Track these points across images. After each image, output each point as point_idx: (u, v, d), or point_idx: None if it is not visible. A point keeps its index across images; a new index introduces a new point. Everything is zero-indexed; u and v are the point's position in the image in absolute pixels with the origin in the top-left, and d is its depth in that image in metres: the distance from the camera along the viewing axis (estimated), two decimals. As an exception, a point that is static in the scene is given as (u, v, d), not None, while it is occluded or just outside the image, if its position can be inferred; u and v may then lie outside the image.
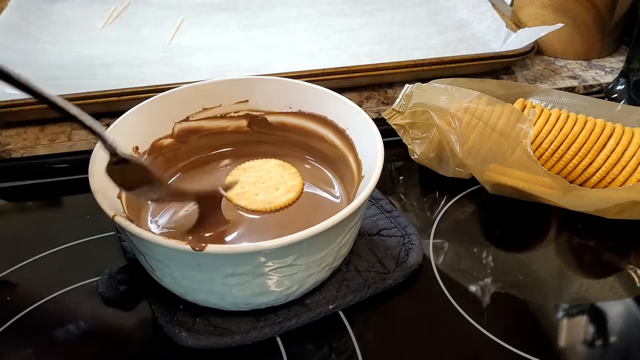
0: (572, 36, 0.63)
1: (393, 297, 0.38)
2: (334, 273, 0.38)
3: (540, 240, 0.44)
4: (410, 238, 0.41)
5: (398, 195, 0.48)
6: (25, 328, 0.36)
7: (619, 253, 0.43)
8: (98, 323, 0.37)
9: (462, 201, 0.47)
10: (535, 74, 0.62)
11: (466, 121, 0.44)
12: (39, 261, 0.41)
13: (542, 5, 0.64)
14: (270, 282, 0.33)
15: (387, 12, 0.74)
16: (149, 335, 0.36)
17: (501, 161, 0.43)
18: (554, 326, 0.37)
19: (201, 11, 0.74)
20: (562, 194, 0.43)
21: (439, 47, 0.66)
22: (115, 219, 0.31)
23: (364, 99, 0.57)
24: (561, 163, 0.45)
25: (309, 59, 0.63)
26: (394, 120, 0.49)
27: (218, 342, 0.34)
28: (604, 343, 0.36)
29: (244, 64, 0.62)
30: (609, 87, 0.59)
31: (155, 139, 0.42)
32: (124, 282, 0.37)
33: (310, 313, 0.36)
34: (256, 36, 0.68)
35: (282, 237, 0.30)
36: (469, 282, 0.40)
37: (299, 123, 0.44)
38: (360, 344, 0.35)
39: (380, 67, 0.57)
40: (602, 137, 0.44)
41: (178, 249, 0.30)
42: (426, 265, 0.41)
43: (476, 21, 0.70)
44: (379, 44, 0.66)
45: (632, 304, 0.39)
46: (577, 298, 0.39)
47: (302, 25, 0.70)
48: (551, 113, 0.45)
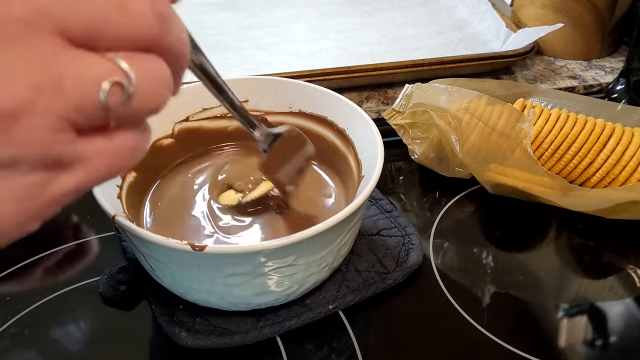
0: (572, 36, 0.63)
1: (393, 297, 0.38)
2: (334, 273, 0.38)
3: (540, 240, 0.44)
4: (410, 238, 0.41)
5: (398, 195, 0.48)
6: (26, 328, 0.36)
7: (619, 253, 0.43)
8: (98, 323, 0.37)
9: (462, 201, 0.47)
10: (535, 74, 0.62)
11: (466, 121, 0.44)
12: (39, 261, 0.41)
13: (542, 5, 0.64)
14: (270, 282, 0.33)
15: (387, 12, 0.74)
16: (149, 335, 0.36)
17: (501, 161, 0.43)
18: (554, 326, 0.37)
19: (201, 11, 0.74)
20: (562, 194, 0.43)
21: (439, 47, 0.66)
22: (115, 219, 0.31)
23: (364, 99, 0.57)
24: (561, 163, 0.45)
25: (309, 59, 0.63)
26: (394, 120, 0.49)
27: (218, 342, 0.34)
28: (604, 343, 0.36)
29: (244, 64, 0.62)
30: (609, 87, 0.59)
31: (155, 139, 0.42)
32: (124, 282, 0.37)
33: (310, 313, 0.36)
34: (256, 36, 0.68)
35: (281, 237, 0.30)
36: (469, 282, 0.40)
37: (299, 123, 0.44)
38: (360, 344, 0.35)
39: (380, 67, 0.57)
40: (602, 137, 0.44)
41: (178, 249, 0.30)
42: (426, 265, 0.41)
43: (476, 21, 0.70)
44: (379, 44, 0.66)
45: (632, 304, 0.39)
46: (577, 298, 0.39)
47: (302, 25, 0.71)
48: (551, 113, 0.45)
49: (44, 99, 0.16)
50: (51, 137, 0.16)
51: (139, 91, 0.17)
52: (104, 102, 0.17)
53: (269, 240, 0.30)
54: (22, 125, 0.16)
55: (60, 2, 0.16)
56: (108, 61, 0.17)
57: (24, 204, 0.17)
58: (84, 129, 0.17)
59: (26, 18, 0.15)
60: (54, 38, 0.16)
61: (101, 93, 0.16)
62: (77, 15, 0.16)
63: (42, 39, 0.16)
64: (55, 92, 0.16)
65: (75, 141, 0.17)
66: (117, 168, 0.19)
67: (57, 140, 0.16)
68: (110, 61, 0.17)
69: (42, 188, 0.17)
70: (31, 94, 0.16)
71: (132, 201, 0.38)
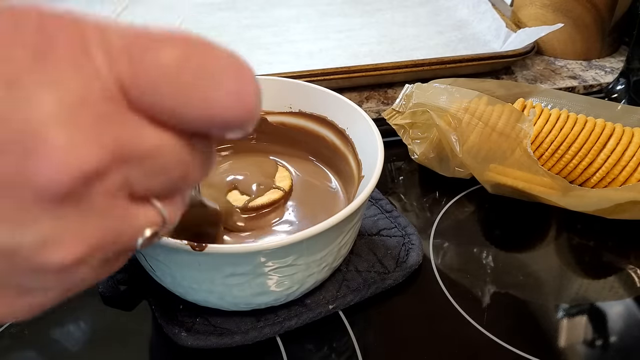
0: (572, 36, 0.63)
1: (393, 297, 0.38)
2: (334, 273, 0.38)
3: (540, 240, 0.44)
4: (410, 238, 0.41)
5: (398, 195, 0.48)
6: (25, 328, 0.36)
7: (619, 253, 0.43)
8: (98, 323, 0.37)
9: (462, 201, 0.47)
10: (535, 74, 0.62)
11: (466, 121, 0.44)
12: (39, 261, 0.41)
13: (542, 5, 0.64)
14: (270, 282, 0.33)
15: (387, 12, 0.74)
16: (149, 335, 0.36)
17: (501, 161, 0.43)
18: (554, 326, 0.37)
19: (201, 11, 0.74)
20: (562, 194, 0.43)
21: (439, 47, 0.66)
22: (115, 219, 0.31)
23: (364, 99, 0.57)
24: (561, 163, 0.45)
25: (309, 59, 0.63)
26: (394, 120, 0.49)
27: (218, 342, 0.34)
28: (604, 343, 0.36)
29: (244, 64, 0.62)
30: (609, 87, 0.59)
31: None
32: (124, 282, 0.37)
33: (310, 313, 0.36)
34: (256, 36, 0.68)
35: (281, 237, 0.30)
36: (469, 282, 0.40)
37: (299, 123, 0.44)
38: (360, 344, 0.35)
39: (380, 67, 0.57)
40: (602, 137, 0.44)
41: (178, 249, 0.30)
42: (426, 265, 0.41)
43: (476, 21, 0.70)
44: (379, 44, 0.66)
45: (632, 304, 0.39)
46: (577, 298, 0.39)
47: (302, 25, 0.71)
48: (551, 113, 0.45)
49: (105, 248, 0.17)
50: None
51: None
52: (139, 245, 0.18)
53: (269, 240, 0.30)
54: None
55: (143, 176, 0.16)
56: (154, 209, 0.18)
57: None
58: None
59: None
60: (121, 191, 0.16)
61: (139, 240, 0.18)
62: (148, 183, 0.17)
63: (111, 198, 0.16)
64: (112, 243, 0.17)
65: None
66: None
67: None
68: (157, 210, 0.18)
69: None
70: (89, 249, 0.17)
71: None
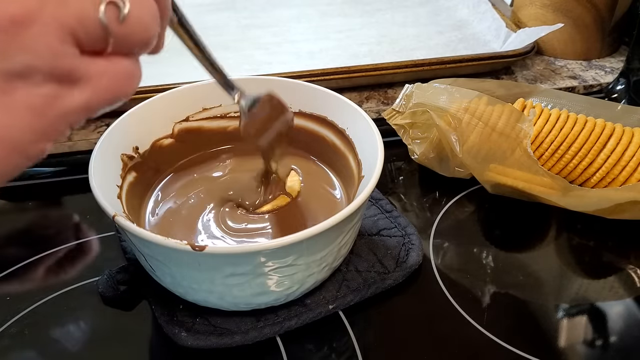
0: (572, 36, 0.63)
1: (393, 297, 0.38)
2: (334, 273, 0.38)
3: (540, 241, 0.44)
4: (410, 238, 0.41)
5: (398, 195, 0.48)
6: (25, 328, 0.36)
7: (619, 253, 0.43)
8: (98, 323, 0.37)
9: (462, 201, 0.47)
10: (535, 74, 0.62)
11: (466, 121, 0.44)
12: (39, 261, 0.41)
13: (542, 5, 0.64)
14: (270, 282, 0.33)
15: (387, 12, 0.74)
16: (149, 335, 0.36)
17: (501, 161, 0.43)
18: (554, 326, 0.37)
19: (201, 11, 0.74)
20: (562, 194, 0.43)
21: (439, 47, 0.66)
22: (115, 219, 0.31)
23: (364, 99, 0.57)
24: (561, 163, 0.45)
25: (309, 59, 0.63)
26: (394, 120, 0.49)
27: (218, 342, 0.34)
28: (604, 343, 0.36)
29: (243, 64, 0.62)
30: (609, 87, 0.59)
31: (155, 139, 0.42)
32: (124, 282, 0.37)
33: (310, 313, 0.36)
34: (256, 36, 0.68)
35: (281, 237, 0.30)
36: (469, 282, 0.40)
37: (299, 123, 0.44)
38: (360, 344, 0.35)
39: (380, 67, 0.57)
40: (602, 137, 0.44)
41: (178, 249, 0.30)
42: (426, 265, 0.41)
43: (476, 21, 0.70)
44: (379, 44, 0.66)
45: (632, 304, 0.39)
46: (577, 298, 0.39)
47: (302, 25, 0.71)
48: (551, 113, 0.45)
49: (50, 7, 0.18)
50: (59, 47, 0.18)
51: (131, 16, 0.20)
52: (102, 19, 0.19)
53: (269, 240, 0.30)
54: (32, 32, 0.18)
55: None
56: None
57: (37, 115, 0.19)
58: (86, 50, 0.20)
59: None
60: None
61: (100, 9, 0.19)
62: None
63: None
64: (59, 3, 0.18)
65: (80, 57, 0.19)
66: (119, 91, 0.21)
67: (64, 52, 0.19)
68: None
69: (54, 100, 0.19)
70: (38, 2, 0.18)
71: (132, 201, 0.38)
